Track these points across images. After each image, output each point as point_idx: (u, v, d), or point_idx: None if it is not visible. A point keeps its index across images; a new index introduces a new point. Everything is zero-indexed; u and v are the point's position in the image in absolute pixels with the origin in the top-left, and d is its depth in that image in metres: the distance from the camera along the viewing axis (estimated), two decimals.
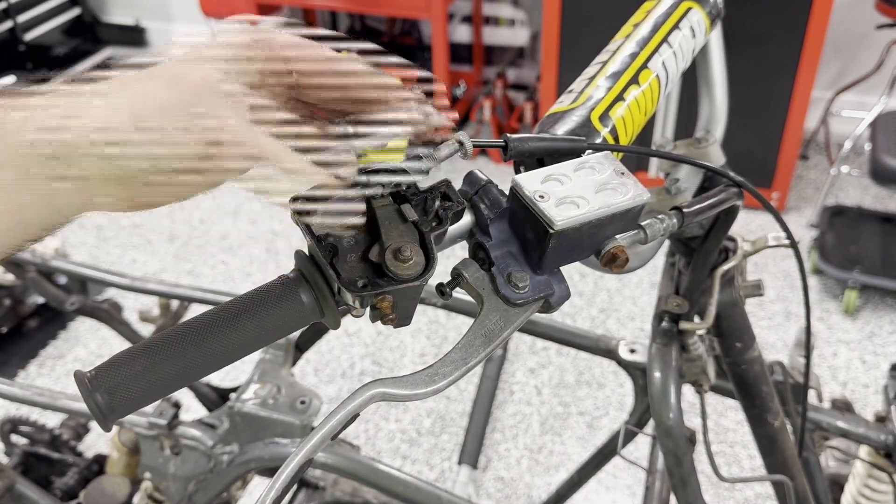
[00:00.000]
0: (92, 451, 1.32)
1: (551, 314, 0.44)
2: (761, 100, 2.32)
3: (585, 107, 0.52)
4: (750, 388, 0.80)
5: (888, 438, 0.92)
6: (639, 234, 0.44)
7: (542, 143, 0.46)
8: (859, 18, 2.62)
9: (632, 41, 0.58)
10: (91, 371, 0.38)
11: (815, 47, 2.18)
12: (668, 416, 0.72)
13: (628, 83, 0.55)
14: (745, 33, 2.18)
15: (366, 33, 3.28)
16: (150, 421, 0.95)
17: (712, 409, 1.86)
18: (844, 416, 0.94)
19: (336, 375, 2.04)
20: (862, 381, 1.97)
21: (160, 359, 0.39)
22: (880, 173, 1.98)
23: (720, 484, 1.68)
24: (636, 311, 2.21)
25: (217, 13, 2.97)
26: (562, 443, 1.84)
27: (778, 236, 0.72)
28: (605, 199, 0.41)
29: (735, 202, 0.59)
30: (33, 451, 1.26)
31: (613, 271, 0.44)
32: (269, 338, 0.42)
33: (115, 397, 0.38)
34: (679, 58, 0.61)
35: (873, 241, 2.26)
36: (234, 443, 0.94)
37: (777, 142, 2.39)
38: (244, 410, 0.92)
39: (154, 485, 0.99)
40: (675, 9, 0.62)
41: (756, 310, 2.16)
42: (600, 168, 0.43)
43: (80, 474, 1.20)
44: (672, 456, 0.74)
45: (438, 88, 0.45)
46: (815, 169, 2.77)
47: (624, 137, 0.53)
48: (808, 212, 2.55)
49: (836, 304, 2.20)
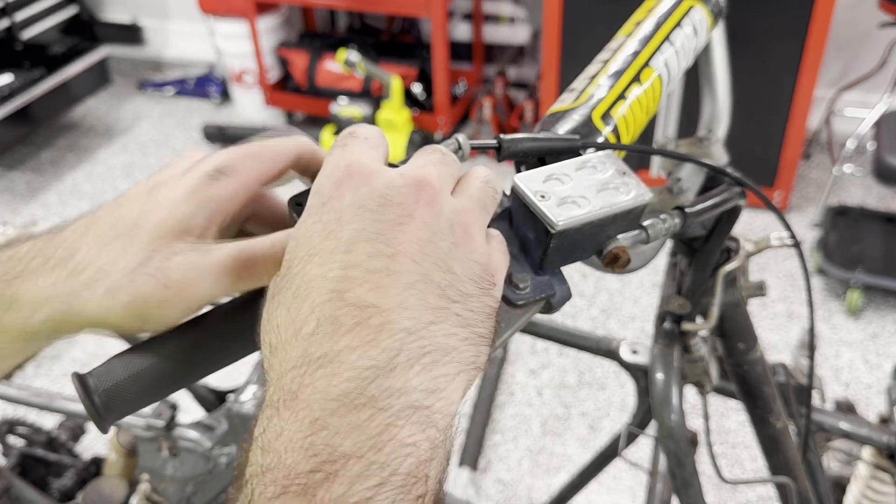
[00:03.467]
0: (89, 452, 1.31)
1: (552, 315, 0.43)
2: (763, 98, 2.31)
3: (587, 106, 0.51)
4: (752, 390, 0.79)
5: (891, 440, 0.92)
6: (641, 235, 0.43)
7: (536, 143, 0.46)
8: (862, 17, 2.61)
9: (633, 39, 0.58)
10: (88, 372, 0.38)
11: (818, 46, 2.17)
12: (670, 417, 0.72)
13: (630, 82, 0.54)
14: (748, 31, 2.17)
15: (365, 31, 3.28)
16: (148, 422, 0.94)
17: (714, 410, 1.86)
18: (847, 418, 0.93)
19: None
20: (865, 381, 1.96)
21: (158, 360, 0.38)
22: (884, 173, 1.98)
23: (722, 485, 1.67)
24: (637, 312, 2.20)
25: (215, 10, 2.97)
26: (563, 444, 1.84)
27: (781, 236, 0.71)
28: (607, 198, 0.40)
29: (737, 202, 0.59)
30: (30, 452, 1.25)
31: (615, 271, 0.43)
32: None
33: (113, 399, 0.37)
34: (681, 56, 0.60)
35: (876, 240, 2.26)
36: (233, 444, 0.94)
37: (779, 141, 2.38)
38: (243, 412, 0.91)
39: (152, 486, 0.99)
40: (678, 7, 0.61)
41: (758, 310, 2.15)
42: (602, 167, 0.42)
43: (77, 476, 1.19)
44: (674, 457, 0.73)
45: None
46: (817, 168, 2.77)
47: (626, 136, 0.52)
48: (811, 211, 2.54)
49: (838, 304, 2.19)
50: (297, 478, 0.25)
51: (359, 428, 0.26)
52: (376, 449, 0.26)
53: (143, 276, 0.36)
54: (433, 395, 0.28)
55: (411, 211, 0.31)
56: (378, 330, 0.28)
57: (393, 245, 0.30)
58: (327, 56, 2.92)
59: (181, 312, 0.37)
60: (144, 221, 0.37)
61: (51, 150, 3.11)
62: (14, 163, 3.03)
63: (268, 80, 3.03)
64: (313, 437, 0.26)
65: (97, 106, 3.36)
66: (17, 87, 2.72)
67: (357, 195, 0.31)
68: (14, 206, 2.79)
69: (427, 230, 0.31)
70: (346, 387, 0.27)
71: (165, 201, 0.37)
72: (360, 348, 0.27)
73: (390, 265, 0.29)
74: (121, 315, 0.36)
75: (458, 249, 0.31)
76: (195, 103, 3.38)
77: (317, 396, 0.26)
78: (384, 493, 0.25)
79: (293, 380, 0.27)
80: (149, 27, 3.64)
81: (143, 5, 3.60)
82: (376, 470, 0.26)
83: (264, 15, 2.95)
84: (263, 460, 0.26)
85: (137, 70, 3.63)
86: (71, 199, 2.81)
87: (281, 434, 0.26)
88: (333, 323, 0.28)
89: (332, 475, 0.25)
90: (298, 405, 0.27)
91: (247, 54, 3.01)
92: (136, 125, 3.26)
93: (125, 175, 2.94)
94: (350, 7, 3.00)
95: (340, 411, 0.26)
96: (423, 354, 0.28)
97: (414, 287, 0.29)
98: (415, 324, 0.28)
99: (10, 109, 2.68)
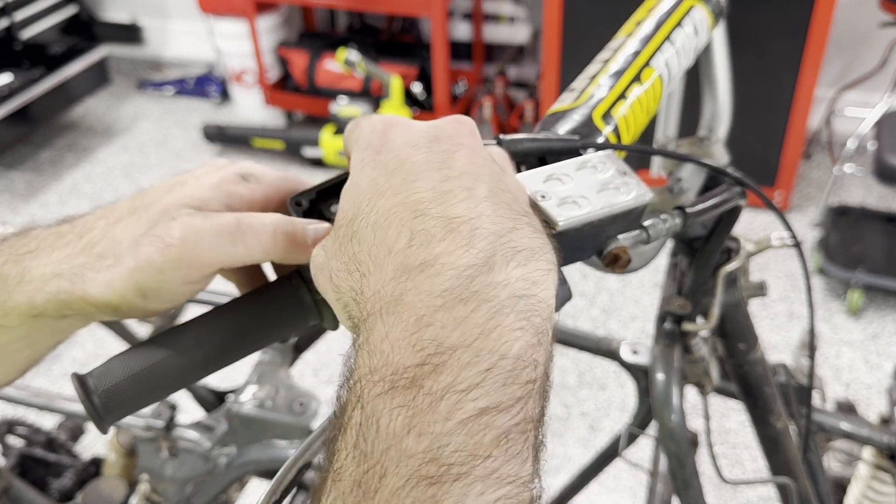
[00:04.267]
0: (89, 452, 1.31)
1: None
2: (764, 98, 2.31)
3: (587, 105, 0.51)
4: (753, 390, 0.79)
5: (892, 440, 0.92)
6: (641, 235, 0.43)
7: (536, 143, 0.45)
8: (863, 16, 2.61)
9: (634, 39, 0.58)
10: (88, 373, 0.38)
11: (819, 45, 2.16)
12: (671, 417, 0.72)
13: (631, 81, 0.54)
14: (748, 31, 2.17)
15: (365, 31, 3.27)
16: (148, 423, 0.94)
17: (715, 410, 1.85)
18: (848, 418, 0.93)
19: (335, 377, 2.03)
20: (865, 381, 1.96)
21: (158, 360, 0.38)
22: (885, 172, 1.97)
23: (723, 486, 1.67)
24: (638, 312, 2.20)
25: (215, 10, 2.96)
26: (563, 445, 1.84)
27: (781, 236, 0.71)
28: (608, 198, 0.40)
29: (738, 202, 0.59)
30: (30, 452, 1.25)
31: (616, 272, 0.43)
32: (268, 339, 0.41)
33: (112, 399, 0.37)
34: (682, 56, 0.60)
35: (877, 240, 2.25)
36: (232, 445, 0.93)
37: (780, 140, 2.38)
38: (242, 412, 0.91)
39: (151, 487, 0.99)
40: (678, 6, 0.61)
41: (759, 310, 2.15)
42: (602, 167, 0.42)
43: (76, 476, 1.19)
44: (674, 458, 0.73)
45: None
46: (818, 168, 2.76)
47: (626, 136, 0.52)
48: (812, 211, 2.54)
49: (839, 304, 2.19)
50: (404, 372, 0.26)
51: (465, 320, 0.26)
52: (483, 337, 0.26)
53: (146, 238, 0.37)
54: (534, 285, 0.28)
55: (460, 140, 0.33)
56: (470, 235, 0.28)
57: (456, 169, 0.31)
58: (327, 55, 2.91)
59: (180, 280, 0.37)
60: (163, 200, 0.39)
61: (50, 150, 3.10)
62: (13, 162, 3.02)
63: (267, 80, 3.03)
64: (419, 334, 0.26)
65: (96, 106, 3.36)
66: (17, 86, 2.71)
67: (407, 136, 0.33)
68: (13, 205, 2.79)
69: (478, 155, 0.33)
70: (450, 284, 0.27)
71: (190, 187, 0.39)
72: (457, 251, 0.28)
73: (461, 184, 0.31)
74: (123, 286, 0.36)
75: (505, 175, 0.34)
76: (195, 103, 3.38)
77: (421, 296, 0.27)
78: (493, 377, 0.25)
79: (394, 288, 0.28)
80: (148, 27, 3.63)
81: (143, 5, 3.59)
82: (485, 356, 0.26)
83: (264, 14, 2.94)
84: (370, 362, 0.27)
85: (137, 70, 3.63)
86: (70, 199, 2.81)
87: (386, 336, 0.27)
88: (426, 234, 0.29)
89: (440, 366, 0.25)
90: (402, 308, 0.27)
91: (246, 54, 3.01)
92: (135, 125, 3.25)
93: (124, 175, 2.94)
94: (350, 6, 2.99)
95: (445, 307, 0.27)
96: (516, 252, 0.29)
97: (488, 200, 0.30)
98: (500, 228, 0.29)
99: (9, 109, 2.67)
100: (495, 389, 0.25)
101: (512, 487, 0.24)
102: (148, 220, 0.38)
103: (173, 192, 0.39)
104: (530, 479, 0.25)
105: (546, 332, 0.28)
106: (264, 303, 0.41)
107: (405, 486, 0.24)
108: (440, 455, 0.24)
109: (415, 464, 0.24)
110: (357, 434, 0.25)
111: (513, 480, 0.24)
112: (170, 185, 0.40)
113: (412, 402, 0.25)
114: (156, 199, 0.39)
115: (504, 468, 0.24)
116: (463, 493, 0.23)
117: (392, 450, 0.24)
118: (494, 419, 0.25)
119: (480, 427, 0.25)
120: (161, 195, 0.39)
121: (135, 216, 0.38)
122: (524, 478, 0.25)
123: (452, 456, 0.24)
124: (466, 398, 0.25)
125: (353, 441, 0.25)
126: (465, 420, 0.25)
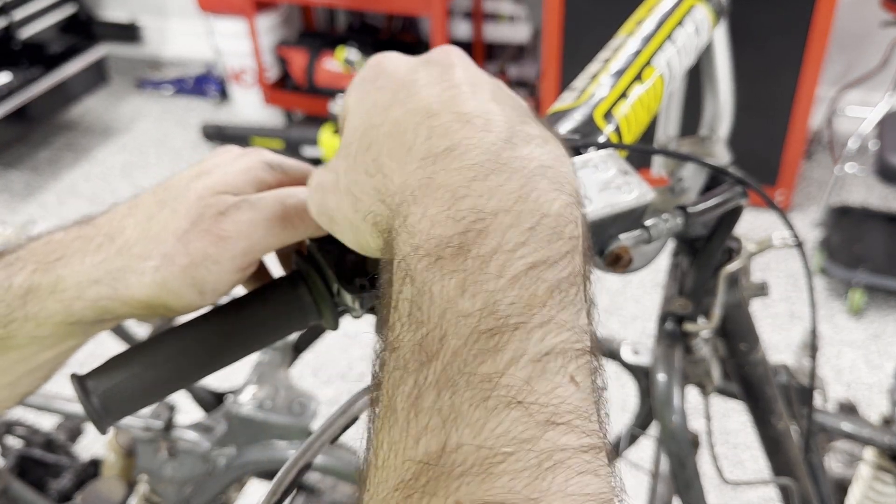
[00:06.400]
0: (88, 453, 1.31)
1: None
2: (765, 97, 2.30)
3: (588, 105, 0.51)
4: (754, 390, 0.79)
5: (893, 440, 0.91)
6: (643, 235, 0.43)
7: None
8: (864, 15, 2.61)
9: (635, 38, 0.57)
10: (87, 373, 0.37)
11: (820, 44, 2.16)
12: (672, 418, 0.71)
13: (632, 80, 0.54)
14: (750, 30, 2.16)
15: (364, 30, 3.27)
16: (147, 423, 0.94)
17: (716, 410, 1.85)
18: (849, 418, 0.93)
19: (335, 377, 2.02)
20: (867, 382, 1.96)
21: (157, 361, 0.38)
22: (887, 172, 1.97)
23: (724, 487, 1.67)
24: (639, 312, 2.20)
25: (214, 9, 2.96)
26: None
27: (783, 236, 0.71)
28: (609, 198, 0.40)
29: (739, 201, 0.58)
30: (28, 453, 1.25)
31: (617, 272, 0.42)
32: (267, 339, 0.41)
33: (112, 400, 0.37)
34: (683, 55, 0.59)
35: (879, 240, 2.25)
36: (232, 445, 0.93)
37: (781, 140, 2.37)
38: (241, 413, 0.91)
39: (150, 487, 0.98)
40: (680, 5, 0.61)
41: (760, 310, 2.14)
42: (604, 167, 0.41)
43: (75, 477, 1.19)
44: (675, 459, 0.73)
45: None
46: (819, 167, 2.76)
47: (628, 135, 0.51)
48: (813, 210, 2.53)
49: (841, 304, 2.18)
50: (449, 241, 0.26)
51: (500, 187, 0.27)
52: (522, 200, 0.26)
53: (196, 233, 0.37)
54: (557, 160, 0.29)
55: (451, 61, 0.34)
56: (485, 125, 0.29)
57: (455, 81, 0.32)
58: (326, 55, 2.91)
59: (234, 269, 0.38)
60: (193, 188, 0.39)
61: (49, 150, 3.10)
62: (12, 162, 3.02)
63: (267, 79, 3.03)
64: (457, 206, 0.26)
65: (95, 105, 3.36)
66: (15, 85, 2.71)
67: (402, 62, 0.34)
68: (12, 205, 2.79)
69: (471, 71, 0.33)
70: (479, 159, 0.28)
71: (220, 173, 0.40)
72: (478, 134, 0.28)
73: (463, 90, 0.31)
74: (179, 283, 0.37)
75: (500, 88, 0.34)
76: (194, 102, 3.37)
77: (451, 174, 0.27)
78: (538, 234, 0.26)
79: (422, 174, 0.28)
80: (147, 26, 3.63)
81: (142, 4, 3.59)
82: (526, 216, 0.26)
83: (263, 13, 2.94)
84: (413, 241, 0.27)
85: (136, 69, 3.62)
86: (69, 199, 2.81)
87: (424, 215, 0.27)
88: (443, 128, 0.29)
89: (484, 231, 0.26)
90: (434, 187, 0.27)
91: (246, 53, 3.00)
92: (134, 124, 3.25)
93: (123, 174, 2.94)
94: (349, 6, 2.99)
95: (478, 178, 0.27)
96: (532, 137, 0.29)
97: (494, 100, 0.31)
98: (510, 121, 0.30)
99: (7, 108, 2.67)
100: (542, 245, 0.26)
101: (571, 334, 0.25)
102: (186, 212, 0.38)
103: (201, 179, 0.39)
104: (585, 329, 0.26)
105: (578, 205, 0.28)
106: (264, 302, 0.41)
107: (466, 343, 0.24)
108: (497, 309, 0.24)
109: (472, 322, 0.24)
110: (411, 305, 0.26)
111: (571, 327, 0.25)
112: (193, 173, 0.40)
113: (462, 265, 0.25)
114: (184, 189, 0.39)
115: (560, 315, 0.25)
116: (524, 340, 0.24)
117: (448, 312, 0.25)
118: (544, 273, 0.25)
119: (532, 280, 0.25)
120: (187, 183, 0.39)
121: (167, 209, 0.38)
122: (581, 326, 0.26)
123: (509, 308, 0.25)
124: (514, 256, 0.25)
125: (406, 312, 0.26)
126: (516, 275, 0.25)
